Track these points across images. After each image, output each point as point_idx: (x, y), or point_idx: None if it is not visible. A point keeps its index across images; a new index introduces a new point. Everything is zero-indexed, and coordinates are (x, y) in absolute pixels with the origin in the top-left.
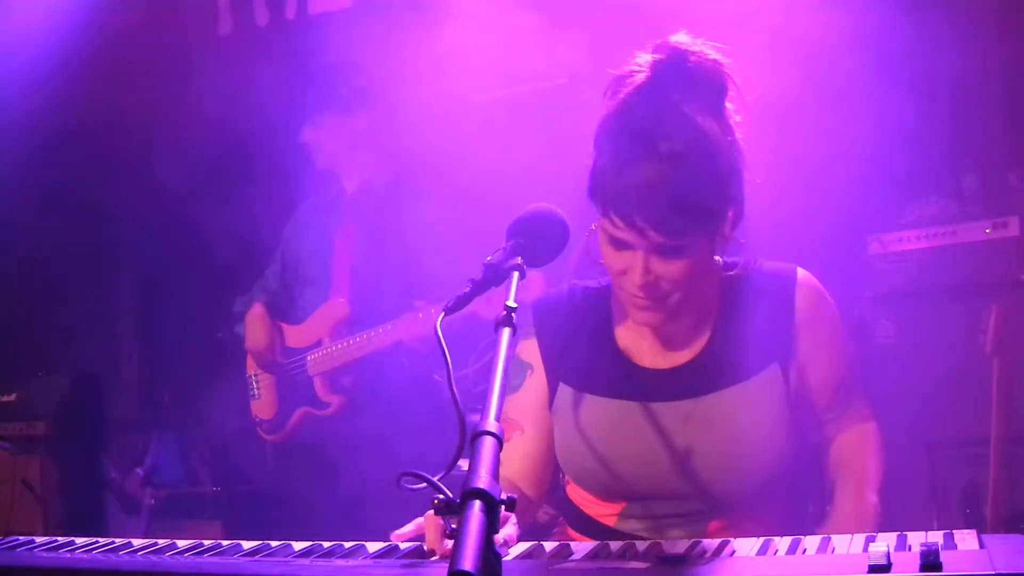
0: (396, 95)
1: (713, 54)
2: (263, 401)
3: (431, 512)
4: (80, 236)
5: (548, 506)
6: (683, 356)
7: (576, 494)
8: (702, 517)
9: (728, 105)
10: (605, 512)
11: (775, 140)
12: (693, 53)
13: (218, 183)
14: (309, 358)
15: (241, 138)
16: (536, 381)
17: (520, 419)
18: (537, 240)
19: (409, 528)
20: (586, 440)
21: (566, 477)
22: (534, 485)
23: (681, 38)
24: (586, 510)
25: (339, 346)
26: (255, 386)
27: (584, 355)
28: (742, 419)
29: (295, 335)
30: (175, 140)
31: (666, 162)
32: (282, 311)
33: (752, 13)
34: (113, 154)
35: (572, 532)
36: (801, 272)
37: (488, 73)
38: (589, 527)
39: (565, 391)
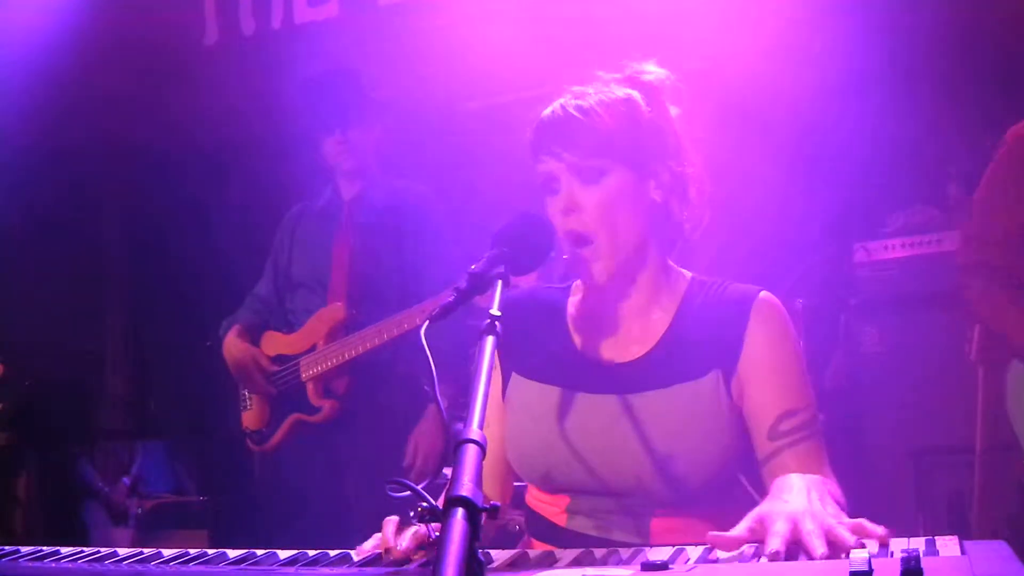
0: (399, 104)
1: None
2: (253, 412)
3: (388, 518)
4: (67, 244)
5: (519, 517)
6: (633, 352)
7: (530, 496)
8: (644, 514)
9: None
10: (554, 510)
11: (761, 150)
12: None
13: (206, 191)
14: (303, 362)
15: (228, 146)
16: (496, 378)
17: (488, 416)
18: (521, 248)
19: (369, 544)
20: (527, 423)
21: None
22: (501, 481)
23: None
24: (541, 512)
25: (334, 347)
26: (247, 396)
27: (536, 345)
28: (680, 419)
29: (288, 343)
30: (160, 149)
31: (584, 103)
32: (277, 321)
33: (739, 23)
34: (99, 164)
35: (534, 542)
36: (765, 293)
37: (474, 83)
38: (545, 529)
39: (516, 380)
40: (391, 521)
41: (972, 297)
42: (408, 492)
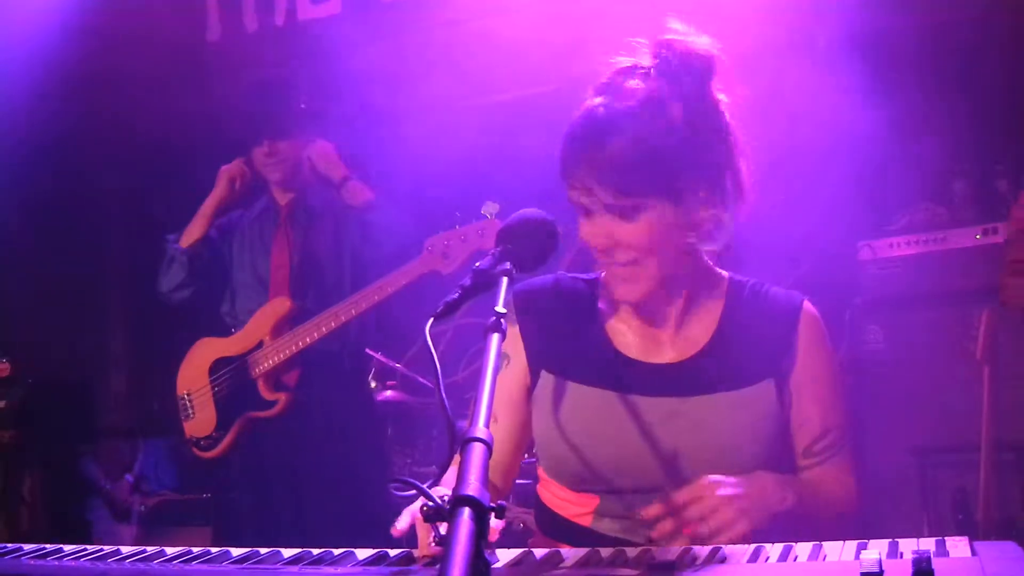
0: (367, 102)
1: (699, 42)
2: (197, 419)
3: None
4: (70, 243)
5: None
6: (678, 354)
7: (550, 495)
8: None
9: (720, 96)
10: (579, 511)
11: (767, 147)
12: (671, 44)
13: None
14: (251, 359)
15: (233, 142)
16: (514, 371)
17: (496, 408)
18: (526, 245)
19: (405, 520)
20: (563, 427)
21: (539, 481)
22: (503, 475)
23: (672, 27)
24: (561, 512)
25: (283, 339)
26: (189, 406)
27: (569, 343)
28: (729, 425)
29: (228, 345)
30: (164, 146)
31: (614, 122)
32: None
33: (744, 20)
34: (102, 161)
35: (547, 540)
36: (807, 303)
37: (477, 80)
38: (563, 530)
39: (546, 378)
40: (426, 525)
41: (1011, 296)
42: (413, 491)
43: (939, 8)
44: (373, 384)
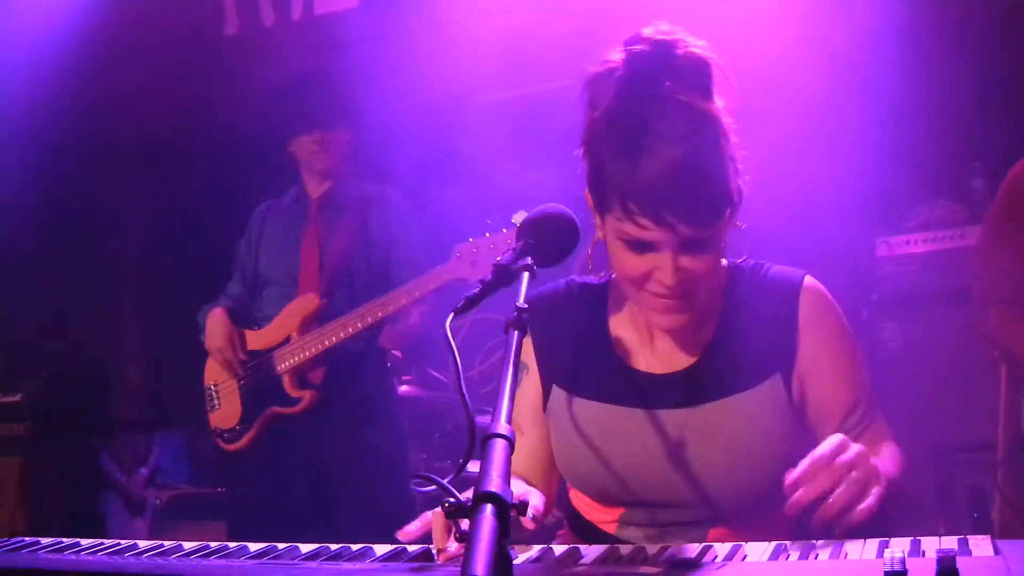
0: (391, 99)
1: (695, 42)
2: (223, 411)
3: (438, 509)
4: (85, 236)
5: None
6: (683, 361)
7: (577, 498)
8: (703, 525)
9: (717, 99)
10: (604, 518)
11: (783, 143)
12: (675, 43)
13: (223, 183)
14: (277, 355)
15: (247, 137)
16: (532, 381)
17: (520, 420)
18: (547, 240)
19: (415, 525)
20: (581, 444)
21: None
22: (545, 483)
23: (661, 28)
24: (586, 515)
25: (310, 336)
26: (215, 396)
27: (578, 356)
28: (743, 430)
29: (257, 339)
30: (179, 141)
31: (679, 146)
32: (246, 318)
33: (758, 17)
34: (116, 153)
35: (574, 537)
36: (808, 279)
37: (493, 75)
38: (590, 533)
39: (558, 393)
40: (442, 521)
41: (990, 329)
42: (433, 487)
43: (957, 4)
44: None
